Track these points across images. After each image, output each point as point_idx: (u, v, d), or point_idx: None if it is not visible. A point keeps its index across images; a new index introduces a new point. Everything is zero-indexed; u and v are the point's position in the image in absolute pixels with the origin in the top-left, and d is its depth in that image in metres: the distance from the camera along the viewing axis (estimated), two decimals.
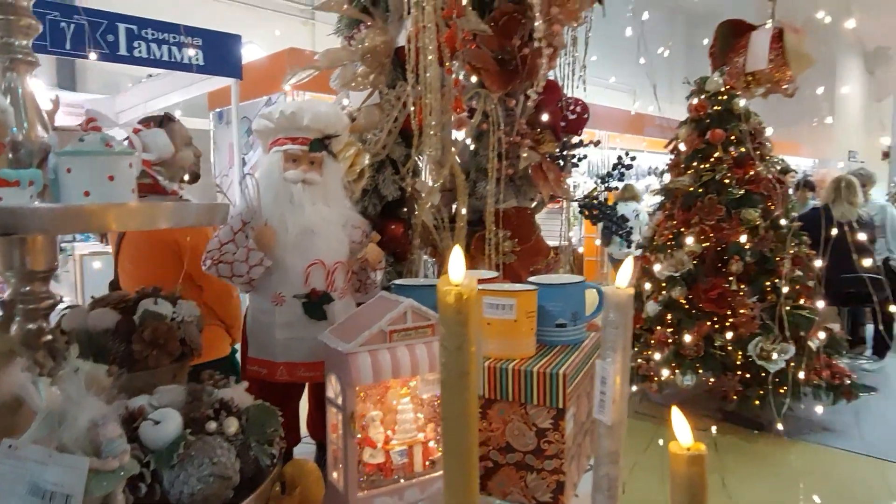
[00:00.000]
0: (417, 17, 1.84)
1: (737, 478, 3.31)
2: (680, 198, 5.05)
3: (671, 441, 0.84)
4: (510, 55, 2.26)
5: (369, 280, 1.74)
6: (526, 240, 2.31)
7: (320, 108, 1.61)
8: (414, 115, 1.90)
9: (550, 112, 2.27)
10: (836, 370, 4.55)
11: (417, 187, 1.99)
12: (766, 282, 4.57)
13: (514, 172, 2.27)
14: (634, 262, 5.27)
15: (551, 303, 1.62)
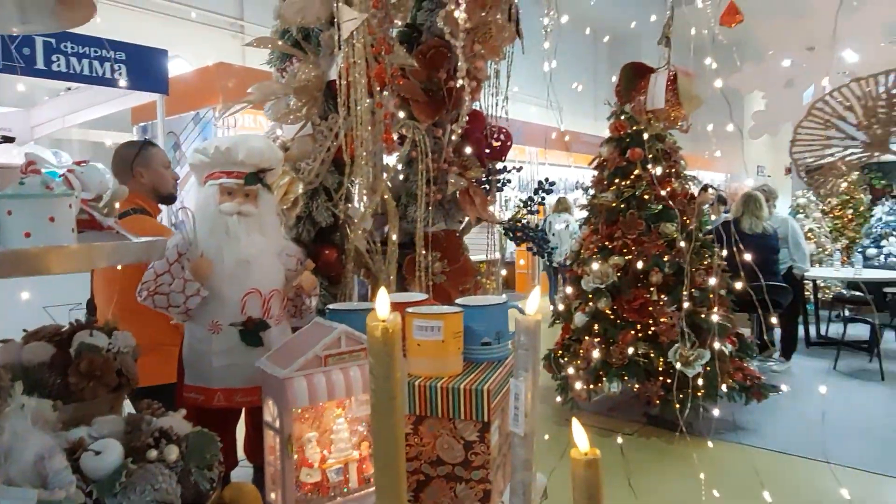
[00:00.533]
0: (348, 54, 1.95)
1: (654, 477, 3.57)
2: (604, 213, 5.34)
3: (572, 448, 0.99)
4: (437, 86, 2.42)
5: (304, 306, 1.83)
6: (455, 260, 2.45)
7: (255, 143, 1.69)
8: (346, 144, 2.01)
9: (476, 140, 2.43)
10: (748, 373, 4.95)
11: (350, 213, 2.09)
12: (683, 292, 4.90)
13: (442, 197, 2.41)
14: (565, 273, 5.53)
15: (476, 323, 1.76)
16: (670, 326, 4.79)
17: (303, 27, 2.09)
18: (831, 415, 4.81)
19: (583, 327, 5.10)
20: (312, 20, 2.02)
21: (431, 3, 2.42)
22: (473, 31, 2.32)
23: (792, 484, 3.60)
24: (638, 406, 4.99)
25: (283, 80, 2.14)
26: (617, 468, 3.45)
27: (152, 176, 2.15)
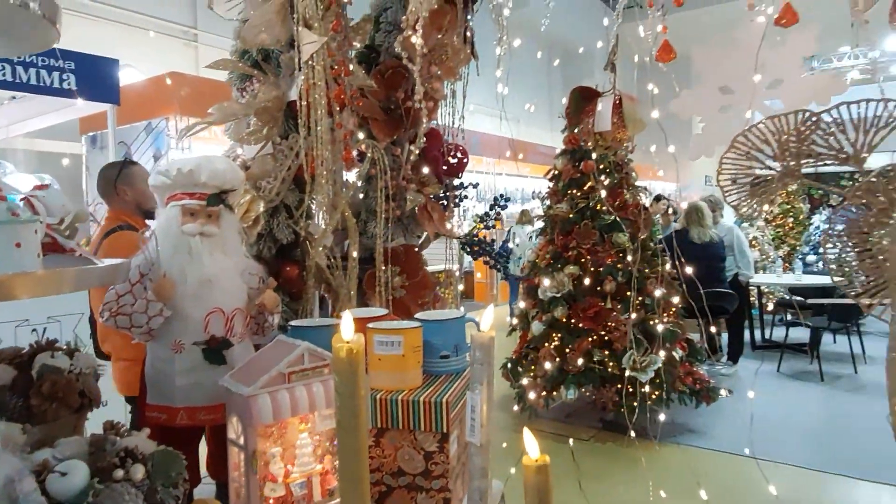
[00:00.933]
0: (308, 75, 2.01)
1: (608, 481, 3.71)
2: (559, 223, 5.50)
3: (524, 455, 1.07)
4: (395, 105, 2.50)
5: (266, 323, 1.87)
6: (414, 275, 2.52)
7: (218, 164, 1.73)
8: (306, 163, 2.07)
9: (433, 158, 2.52)
10: (697, 377, 5.17)
11: (311, 230, 2.14)
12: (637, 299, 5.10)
13: (401, 213, 2.48)
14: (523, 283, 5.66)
15: (435, 337, 1.84)
16: (624, 334, 4.97)
17: (263, 48, 2.13)
18: (775, 415, 5.08)
19: (540, 336, 5.23)
20: (272, 42, 2.08)
21: (389, 25, 2.50)
22: (430, 53, 2.41)
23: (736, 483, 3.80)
24: (594, 412, 5.15)
25: (242, 99, 2.18)
26: (573, 473, 3.57)
27: (135, 193, 2.34)
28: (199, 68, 7.93)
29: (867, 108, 1.07)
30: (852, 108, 1.07)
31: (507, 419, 4.97)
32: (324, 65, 2.01)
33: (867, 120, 1.07)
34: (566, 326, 5.14)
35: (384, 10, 2.51)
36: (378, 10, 2.54)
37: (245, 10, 2.04)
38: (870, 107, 1.06)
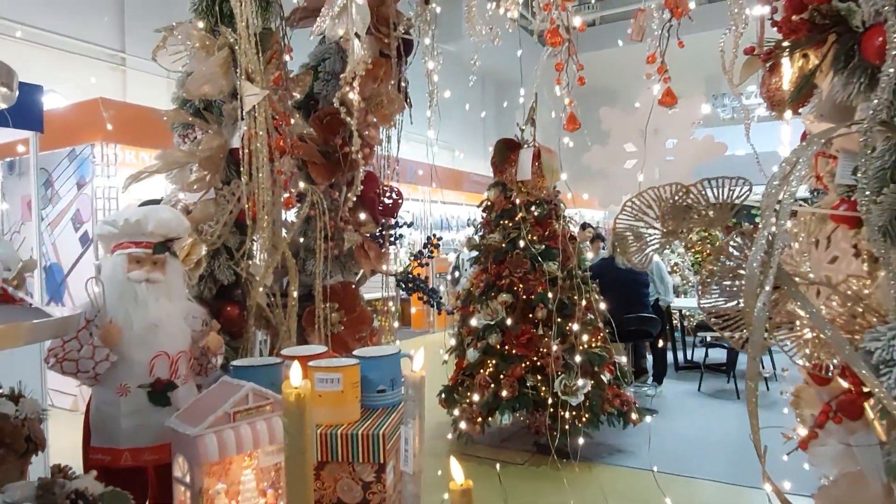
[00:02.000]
0: (250, 125, 2.15)
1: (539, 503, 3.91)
2: (492, 253, 5.75)
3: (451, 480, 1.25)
4: (333, 150, 2.66)
5: (210, 364, 1.97)
6: (352, 311, 2.67)
7: (164, 214, 1.84)
8: (248, 208, 2.19)
9: (369, 199, 2.69)
10: (624, 398, 5.49)
11: (252, 271, 2.26)
12: (566, 325, 5.39)
13: (339, 252, 2.63)
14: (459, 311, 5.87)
15: (373, 372, 2.00)
16: (555, 359, 5.25)
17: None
18: (696, 432, 5.46)
19: (475, 363, 5.44)
20: (216, 94, 2.20)
21: (328, 75, 2.67)
22: (367, 102, 2.60)
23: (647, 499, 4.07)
24: (528, 436, 5.37)
25: (184, 145, 2.29)
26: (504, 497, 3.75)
27: None
28: (126, 93, 7.81)
29: (722, 183, 1.33)
30: (712, 182, 1.34)
31: (443, 446, 5.11)
32: (265, 115, 2.16)
33: (723, 193, 1.33)
34: (500, 353, 5.36)
35: (323, 60, 2.68)
36: (317, 60, 2.71)
37: (189, 63, 2.16)
38: (725, 182, 1.33)
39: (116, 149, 6.72)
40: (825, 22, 1.31)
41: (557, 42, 1.56)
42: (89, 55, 7.45)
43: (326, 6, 2.08)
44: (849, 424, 1.33)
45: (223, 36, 2.19)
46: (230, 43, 2.18)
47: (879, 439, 1.31)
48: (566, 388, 5.19)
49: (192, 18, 2.25)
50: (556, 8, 1.57)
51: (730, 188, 1.31)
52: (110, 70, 7.73)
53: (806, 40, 1.35)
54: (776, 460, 1.55)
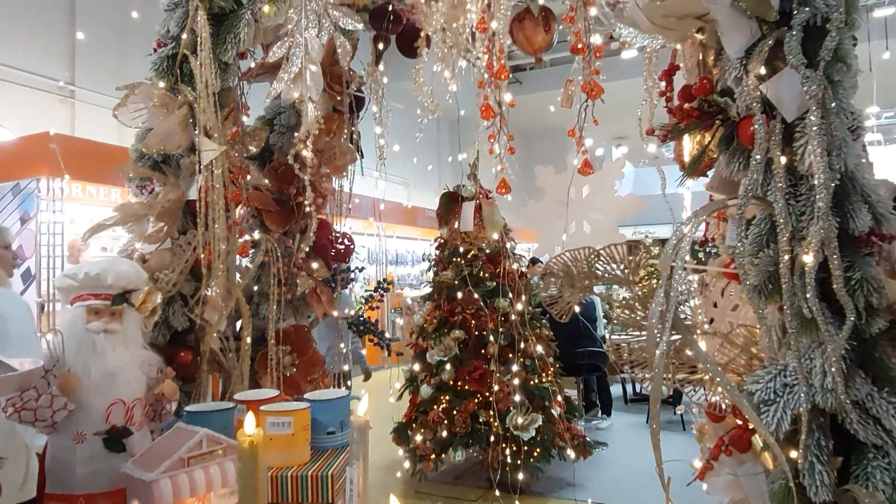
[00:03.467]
0: (208, 178, 2.30)
1: None
2: (445, 289, 5.94)
3: None
4: (287, 198, 2.82)
5: (164, 411, 2.07)
6: (304, 353, 2.80)
7: (123, 267, 1.96)
8: (203, 256, 2.32)
9: (322, 246, 2.85)
10: (574, 432, 5.69)
11: (206, 317, 2.38)
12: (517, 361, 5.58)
13: (292, 296, 2.77)
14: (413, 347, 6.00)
15: (322, 415, 2.13)
16: (507, 394, 5.42)
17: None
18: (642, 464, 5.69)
19: (429, 399, 5.56)
20: (174, 148, 2.34)
21: (283, 128, 2.85)
22: (320, 154, 2.78)
23: None
24: (482, 472, 5.49)
25: (142, 195, 2.41)
26: None
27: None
28: (75, 126, 7.78)
29: (626, 247, 1.56)
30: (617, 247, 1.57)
31: (397, 483, 5.19)
32: (222, 169, 2.31)
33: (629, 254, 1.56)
34: (453, 389, 5.51)
35: (279, 113, 2.86)
36: (273, 113, 2.88)
37: (149, 120, 2.30)
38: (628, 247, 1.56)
39: (63, 183, 6.69)
40: (711, 110, 1.57)
41: (490, 116, 1.78)
42: (37, 87, 7.42)
43: (282, 70, 2.27)
44: (738, 456, 1.54)
45: (183, 94, 2.35)
46: (189, 101, 2.34)
47: (765, 468, 1.54)
48: (517, 424, 5.36)
49: (153, 77, 2.40)
50: (489, 86, 1.80)
51: (633, 251, 1.54)
52: (59, 103, 7.70)
53: (696, 125, 1.60)
54: (696, 488, 1.76)
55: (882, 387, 1.40)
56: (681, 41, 1.73)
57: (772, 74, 1.46)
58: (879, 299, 1.39)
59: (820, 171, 1.36)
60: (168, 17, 2.43)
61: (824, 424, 1.46)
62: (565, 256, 1.55)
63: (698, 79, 1.58)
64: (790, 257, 1.42)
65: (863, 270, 1.41)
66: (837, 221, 1.42)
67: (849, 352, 1.39)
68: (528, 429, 5.30)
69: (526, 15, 2.36)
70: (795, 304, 1.41)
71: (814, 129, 1.39)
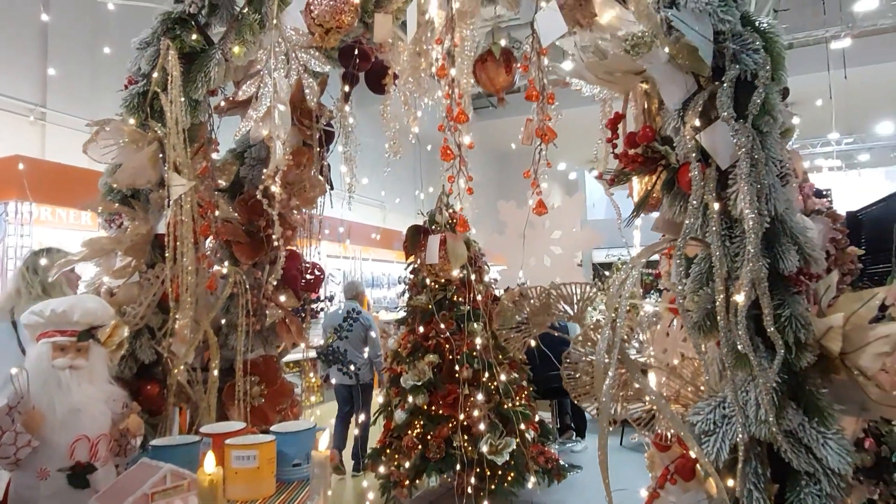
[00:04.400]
0: (176, 212, 2.36)
1: None
2: (419, 314, 6.01)
3: None
4: (257, 230, 2.88)
5: (129, 446, 2.10)
6: (272, 384, 2.85)
7: (89, 304, 2.00)
8: (171, 290, 2.36)
9: (292, 277, 2.91)
10: (548, 455, 5.76)
11: (173, 349, 2.42)
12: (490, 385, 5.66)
13: (261, 327, 2.82)
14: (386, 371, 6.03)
15: (288, 447, 2.18)
16: (480, 418, 5.48)
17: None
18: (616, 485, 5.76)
19: (403, 424, 5.59)
20: (143, 183, 2.40)
21: (254, 160, 2.92)
22: (290, 187, 2.86)
23: None
24: (456, 498, 5.51)
25: (111, 229, 2.46)
26: None
27: None
28: (45, 148, 7.75)
29: (574, 287, 1.66)
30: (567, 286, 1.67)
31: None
32: (191, 204, 2.37)
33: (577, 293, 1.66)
34: (427, 414, 5.55)
35: (249, 146, 2.93)
36: (243, 146, 2.96)
37: (118, 156, 2.36)
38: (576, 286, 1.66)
39: (32, 206, 6.66)
40: (654, 156, 1.69)
41: (449, 158, 1.88)
42: (8, 110, 7.40)
43: (252, 108, 2.35)
44: (683, 484, 1.64)
45: (153, 131, 2.41)
46: (159, 137, 2.41)
47: (709, 496, 1.63)
48: (491, 448, 5.42)
49: (123, 114, 2.46)
50: (448, 130, 1.90)
51: (581, 290, 1.64)
52: (29, 125, 7.67)
53: (640, 170, 1.72)
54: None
55: (812, 417, 1.51)
56: (625, 92, 1.85)
57: (707, 125, 1.59)
58: (807, 335, 1.50)
59: (749, 217, 1.48)
60: (139, 56, 2.50)
61: (761, 453, 1.55)
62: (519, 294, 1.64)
63: (642, 127, 1.70)
64: (725, 296, 1.52)
65: (792, 308, 1.52)
66: (768, 262, 1.54)
67: (780, 384, 1.50)
68: (501, 453, 5.35)
69: (488, 57, 2.49)
70: (731, 340, 1.52)
71: (743, 177, 1.51)
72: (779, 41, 1.63)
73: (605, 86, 1.79)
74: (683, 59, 1.59)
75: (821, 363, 1.55)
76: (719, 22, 1.60)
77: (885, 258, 4.30)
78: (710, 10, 1.60)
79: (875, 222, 4.73)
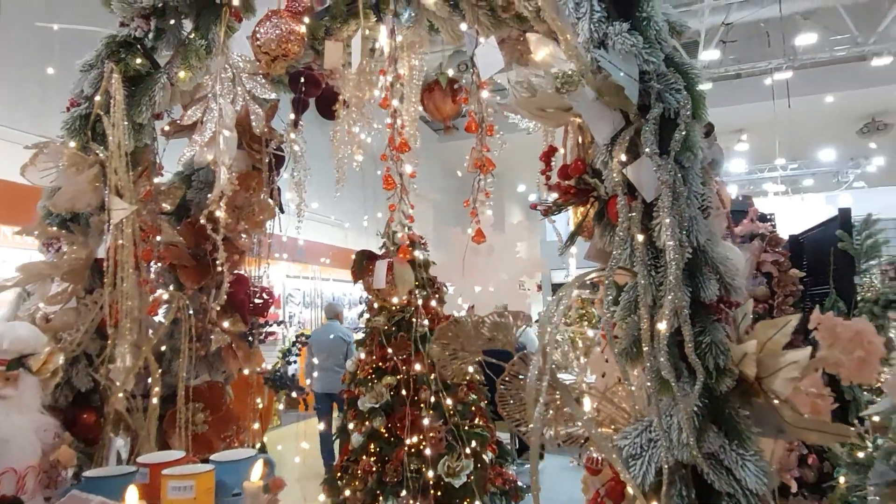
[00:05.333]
0: (117, 236, 2.33)
1: None
2: (377, 336, 5.99)
3: None
4: (204, 253, 2.86)
5: (60, 478, 2.04)
6: (217, 410, 2.80)
7: (21, 331, 1.96)
8: (110, 316, 2.32)
9: (239, 301, 2.89)
10: (506, 477, 5.77)
11: (112, 376, 2.37)
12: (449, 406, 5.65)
13: (206, 352, 2.79)
14: None
15: (228, 476, 2.14)
16: (438, 440, 5.47)
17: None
18: None
19: (359, 447, 5.54)
20: (83, 207, 2.37)
21: (201, 184, 2.91)
22: (238, 210, 2.85)
23: None
24: None
25: (49, 253, 2.41)
26: None
27: None
28: None
29: (507, 316, 1.71)
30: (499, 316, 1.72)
31: None
32: (133, 228, 2.35)
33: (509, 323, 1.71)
34: (384, 436, 5.51)
35: (197, 169, 2.92)
36: (190, 169, 2.94)
37: (58, 179, 2.32)
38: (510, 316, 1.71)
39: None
40: (585, 188, 1.75)
41: (391, 187, 1.91)
42: None
43: (197, 133, 2.35)
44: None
45: (94, 154, 2.39)
46: (101, 160, 2.38)
47: None
48: (449, 470, 5.41)
49: (65, 136, 2.43)
50: (391, 160, 1.94)
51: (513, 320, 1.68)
52: None
53: (572, 202, 1.78)
54: None
55: (733, 440, 1.57)
56: (557, 127, 1.93)
57: (633, 160, 1.66)
58: (726, 360, 1.57)
59: (670, 248, 1.55)
60: (83, 78, 2.48)
61: (686, 475, 1.61)
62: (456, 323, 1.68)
63: (574, 160, 1.77)
64: (650, 324, 1.59)
65: (712, 335, 1.59)
66: (690, 291, 1.61)
67: (702, 409, 1.56)
68: (458, 475, 5.35)
69: (435, 86, 2.55)
70: (655, 367, 1.58)
71: (666, 210, 1.58)
72: (700, 81, 1.72)
73: (537, 120, 1.86)
74: (612, 96, 1.66)
75: (741, 387, 1.62)
76: (644, 63, 1.69)
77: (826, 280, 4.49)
78: (636, 51, 1.68)
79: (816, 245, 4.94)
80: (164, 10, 2.46)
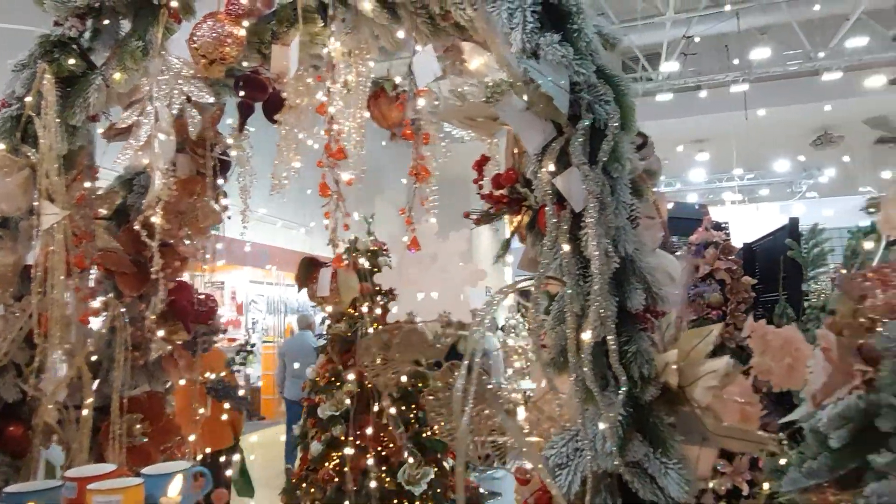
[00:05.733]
0: (48, 242, 2.25)
1: None
2: (338, 342, 5.93)
3: None
4: (145, 260, 2.79)
5: None
6: (157, 421, 2.73)
7: None
8: (39, 324, 2.25)
9: (181, 308, 2.82)
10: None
11: (42, 387, 2.29)
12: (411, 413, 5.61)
13: (145, 361, 2.71)
14: None
15: (158, 489, 2.08)
16: (399, 448, 5.43)
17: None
18: None
19: (319, 456, 5.47)
20: (13, 211, 2.29)
21: (142, 188, 2.83)
22: (181, 216, 2.79)
23: None
24: None
25: None
26: None
27: None
28: None
29: (432, 326, 1.71)
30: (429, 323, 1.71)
31: None
32: (65, 233, 2.28)
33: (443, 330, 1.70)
34: (345, 445, 5.45)
35: (138, 173, 2.85)
36: (132, 173, 2.87)
37: None
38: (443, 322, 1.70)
39: None
40: (518, 197, 1.75)
41: (326, 194, 1.89)
42: None
43: (132, 136, 2.29)
44: None
45: (25, 156, 2.31)
46: (32, 163, 2.30)
47: None
48: (410, 478, 5.36)
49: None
50: (328, 168, 1.91)
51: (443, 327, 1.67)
52: None
53: (505, 211, 1.78)
54: None
55: (657, 448, 1.58)
56: (489, 136, 1.93)
57: (563, 170, 1.66)
58: (650, 370, 1.58)
59: (595, 259, 1.55)
60: (14, 78, 2.40)
61: (611, 484, 1.61)
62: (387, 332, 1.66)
63: (506, 170, 1.77)
64: (576, 333, 1.59)
65: (637, 344, 1.60)
66: (617, 300, 1.61)
67: (626, 418, 1.56)
68: (419, 483, 5.31)
69: (380, 93, 2.53)
70: (581, 376, 1.58)
71: (592, 220, 1.58)
72: (629, 93, 1.74)
73: (468, 129, 1.85)
74: (543, 106, 1.67)
75: (667, 396, 1.63)
76: (575, 74, 1.69)
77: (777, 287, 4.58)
78: (566, 62, 1.69)
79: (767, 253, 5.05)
80: (100, 9, 2.40)
